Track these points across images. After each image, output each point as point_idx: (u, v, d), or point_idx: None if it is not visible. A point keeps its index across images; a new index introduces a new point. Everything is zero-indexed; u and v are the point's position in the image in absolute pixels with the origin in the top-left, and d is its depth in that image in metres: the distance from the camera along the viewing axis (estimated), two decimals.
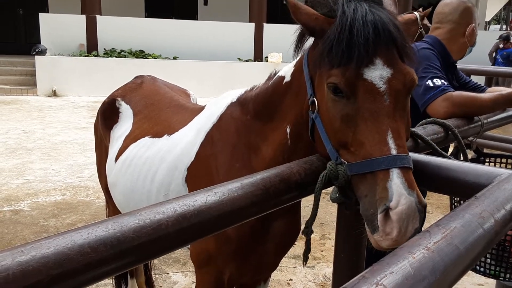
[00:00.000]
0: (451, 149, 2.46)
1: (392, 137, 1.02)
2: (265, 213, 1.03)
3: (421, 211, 0.97)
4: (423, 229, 0.88)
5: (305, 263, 1.29)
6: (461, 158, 1.64)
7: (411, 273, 0.55)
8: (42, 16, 12.45)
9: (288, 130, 1.40)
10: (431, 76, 1.96)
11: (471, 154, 2.01)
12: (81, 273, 0.66)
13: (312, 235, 1.23)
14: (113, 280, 2.91)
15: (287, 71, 1.44)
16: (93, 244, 0.67)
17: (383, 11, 1.11)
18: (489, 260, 1.82)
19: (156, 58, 12.79)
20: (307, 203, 1.16)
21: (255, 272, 1.76)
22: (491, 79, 4.71)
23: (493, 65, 12.02)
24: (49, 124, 8.43)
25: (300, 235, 1.76)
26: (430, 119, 1.63)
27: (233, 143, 1.58)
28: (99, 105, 2.58)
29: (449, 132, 1.58)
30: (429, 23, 2.44)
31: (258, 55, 13.79)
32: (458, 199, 1.93)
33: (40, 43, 12.17)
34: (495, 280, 1.98)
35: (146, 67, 11.43)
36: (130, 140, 2.08)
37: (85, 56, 12.29)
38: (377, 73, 1.06)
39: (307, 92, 1.23)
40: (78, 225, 3.59)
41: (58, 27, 12.29)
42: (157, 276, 3.30)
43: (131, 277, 2.79)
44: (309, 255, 1.26)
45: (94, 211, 4.50)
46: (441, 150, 1.39)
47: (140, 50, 13.02)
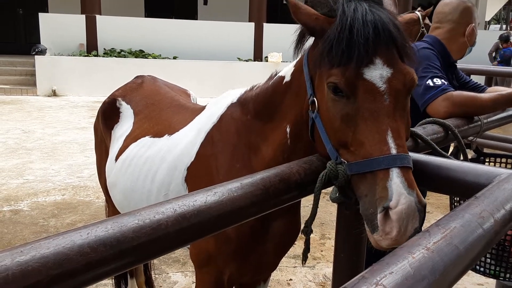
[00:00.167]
0: (451, 149, 2.46)
1: (392, 136, 1.02)
2: (265, 213, 1.02)
3: (421, 210, 0.97)
4: (423, 228, 0.88)
5: (304, 262, 1.29)
6: (461, 158, 1.64)
7: (411, 273, 0.55)
8: (42, 16, 12.45)
9: (288, 130, 1.40)
10: (431, 75, 1.96)
11: (471, 154, 2.01)
12: (81, 273, 0.66)
13: (312, 235, 1.23)
14: (113, 280, 2.91)
15: (287, 71, 1.44)
16: (92, 244, 0.67)
17: (383, 11, 1.11)
18: (489, 260, 1.82)
19: (156, 58, 12.78)
20: (307, 202, 1.16)
21: (255, 272, 1.76)
22: (491, 78, 4.70)
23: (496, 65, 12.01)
24: (49, 124, 8.43)
25: (300, 235, 1.76)
26: (430, 119, 1.63)
27: (234, 143, 1.58)
28: (99, 105, 2.58)
29: (449, 132, 1.58)
30: (430, 23, 2.44)
31: (258, 55, 13.79)
32: (458, 199, 1.93)
33: (40, 43, 12.17)
34: (495, 280, 1.98)
35: (146, 67, 11.43)
36: (130, 139, 2.08)
37: (85, 56, 12.28)
38: (377, 73, 1.06)
39: (307, 91, 1.23)
40: (77, 225, 3.59)
41: (58, 27, 12.29)
42: (157, 276, 3.30)
43: (131, 277, 2.79)
44: (309, 255, 1.26)
45: (94, 211, 4.50)
46: (441, 150, 1.39)
47: (140, 50, 13.02)
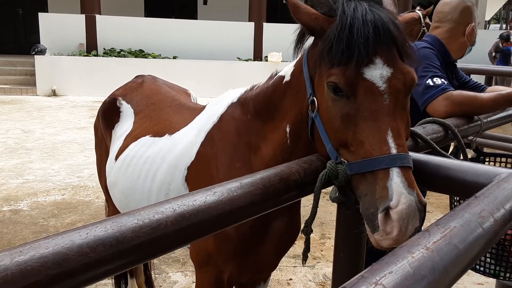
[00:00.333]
0: (451, 148, 2.46)
1: (392, 136, 1.02)
2: (265, 213, 1.02)
3: (421, 210, 0.97)
4: (423, 228, 0.88)
5: (304, 262, 1.29)
6: (461, 157, 1.63)
7: (410, 273, 0.55)
8: (41, 15, 12.45)
9: (287, 129, 1.40)
10: (431, 75, 1.95)
11: (471, 153, 2.01)
12: (80, 273, 0.66)
13: (312, 235, 1.23)
14: (113, 279, 2.91)
15: (287, 70, 1.44)
16: (92, 244, 0.67)
17: (383, 10, 1.11)
18: (489, 259, 1.82)
19: (155, 57, 12.78)
20: (307, 202, 1.16)
21: (255, 271, 1.76)
22: (491, 78, 4.70)
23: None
24: (48, 124, 8.42)
25: (300, 234, 1.76)
26: (429, 118, 1.63)
27: (234, 143, 1.58)
28: (98, 104, 2.58)
29: (449, 131, 1.58)
30: (431, 22, 2.44)
31: (258, 55, 13.78)
32: (458, 198, 1.92)
33: (39, 42, 12.16)
34: (495, 279, 1.98)
35: (145, 66, 11.42)
36: (130, 139, 2.08)
37: (85, 55, 12.28)
38: (377, 73, 1.05)
39: (307, 91, 1.23)
40: (77, 225, 3.59)
41: (57, 26, 12.29)
42: (156, 275, 3.30)
43: (130, 277, 2.79)
44: (309, 255, 1.26)
45: (93, 211, 4.49)
46: (441, 149, 1.39)
47: (139, 49, 13.01)
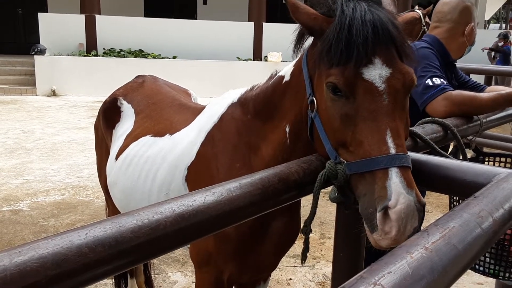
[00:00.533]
0: (451, 148, 2.45)
1: (391, 136, 1.02)
2: (264, 213, 1.02)
3: (420, 210, 0.97)
4: (422, 228, 0.88)
5: (303, 262, 1.29)
6: (460, 157, 1.63)
7: (409, 273, 0.55)
8: (41, 15, 12.44)
9: (287, 129, 1.40)
10: (430, 75, 1.95)
11: (470, 153, 2.01)
12: (79, 274, 0.66)
13: (311, 235, 1.23)
14: (113, 279, 2.91)
15: (287, 70, 1.44)
16: (91, 244, 0.67)
17: (382, 10, 1.11)
18: (488, 259, 1.82)
19: (155, 57, 12.78)
20: (306, 202, 1.16)
21: (255, 271, 1.76)
22: (491, 78, 4.70)
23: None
24: (48, 124, 8.42)
25: (300, 234, 1.76)
26: (429, 118, 1.63)
27: (234, 143, 1.58)
28: (98, 104, 2.58)
29: (448, 131, 1.58)
30: (430, 21, 2.44)
31: (257, 55, 13.78)
32: (457, 198, 1.92)
33: (39, 42, 12.16)
34: (495, 279, 1.98)
35: (145, 66, 11.42)
36: (131, 138, 2.08)
37: (84, 55, 12.27)
38: (376, 73, 1.05)
39: (306, 91, 1.23)
40: (77, 225, 3.58)
41: (57, 26, 12.28)
42: (156, 275, 3.30)
43: (130, 277, 2.79)
44: (309, 255, 1.26)
45: (93, 211, 4.49)
46: (440, 149, 1.39)
47: (139, 49, 13.01)
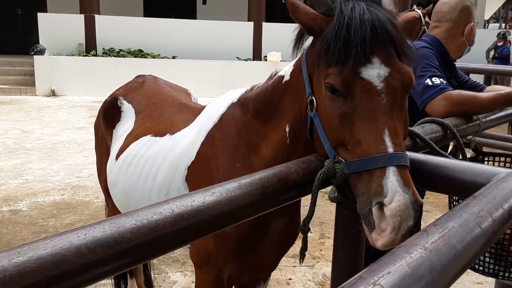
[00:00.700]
0: (451, 148, 2.45)
1: (389, 135, 1.02)
2: (264, 213, 1.02)
3: (417, 209, 0.96)
4: (422, 227, 0.88)
5: (302, 260, 1.28)
6: (460, 157, 1.63)
7: (409, 273, 0.55)
8: (40, 15, 12.44)
9: (287, 129, 1.40)
10: (430, 75, 1.95)
11: (470, 153, 2.01)
12: (78, 274, 0.66)
13: (311, 234, 1.23)
14: (113, 280, 2.91)
15: (286, 70, 1.44)
16: (90, 245, 0.67)
17: (381, 10, 1.11)
18: (488, 258, 1.82)
19: (155, 57, 12.77)
20: (306, 202, 1.16)
21: (255, 271, 1.76)
22: (490, 77, 4.70)
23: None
24: (48, 124, 8.42)
25: (300, 234, 1.76)
26: (428, 118, 1.63)
27: (234, 143, 1.58)
28: (98, 104, 2.59)
29: (448, 131, 1.58)
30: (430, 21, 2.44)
31: (257, 54, 13.78)
32: (456, 198, 1.92)
33: (38, 42, 12.15)
34: (494, 278, 1.98)
35: (145, 66, 11.42)
36: (131, 138, 2.08)
37: (84, 55, 12.27)
38: (375, 72, 1.06)
39: (306, 91, 1.23)
40: (77, 225, 3.58)
41: (56, 26, 12.28)
42: (156, 275, 3.30)
43: (130, 277, 2.79)
44: (309, 254, 1.26)
45: (93, 211, 4.49)
46: (440, 149, 1.39)
47: (139, 49, 13.00)
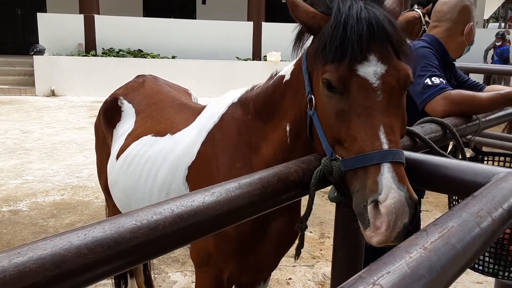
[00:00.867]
0: (450, 147, 2.45)
1: (384, 132, 1.02)
2: (264, 213, 1.02)
3: (412, 206, 0.96)
4: (421, 226, 0.88)
5: (296, 258, 1.28)
6: (459, 156, 1.64)
7: (408, 273, 0.55)
8: (40, 16, 12.43)
9: (287, 128, 1.40)
10: (429, 74, 1.95)
11: (469, 152, 2.01)
12: (78, 274, 0.66)
13: (311, 234, 1.23)
14: (113, 280, 2.91)
15: (287, 70, 1.45)
16: (90, 245, 0.67)
17: (378, 8, 1.11)
18: (487, 258, 1.82)
19: (154, 57, 12.77)
20: (306, 202, 1.16)
21: (255, 271, 1.76)
22: (490, 77, 4.69)
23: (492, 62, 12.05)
24: (47, 124, 8.41)
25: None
26: (428, 117, 1.63)
27: (234, 143, 1.59)
28: (97, 104, 2.59)
29: (447, 130, 1.58)
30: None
31: (257, 54, 13.78)
32: (456, 197, 1.93)
33: (38, 43, 12.15)
34: (494, 278, 1.98)
35: (144, 66, 11.42)
36: (132, 138, 2.08)
37: (84, 55, 12.27)
38: (371, 69, 1.06)
39: (306, 89, 1.23)
40: (77, 225, 3.58)
41: (56, 27, 12.27)
42: (156, 275, 3.30)
43: (130, 277, 2.79)
44: (308, 254, 1.26)
45: (93, 211, 4.49)
46: (439, 148, 1.39)
47: (138, 49, 13.00)
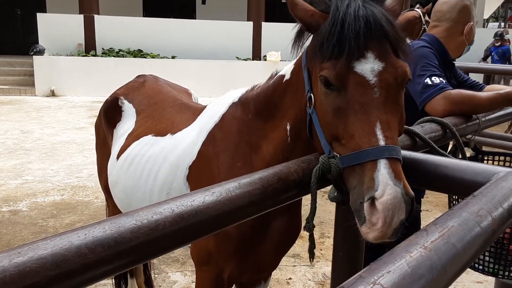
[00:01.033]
0: (450, 147, 2.45)
1: (380, 128, 1.02)
2: (264, 213, 1.03)
3: (408, 202, 0.95)
4: (421, 226, 0.88)
5: (312, 259, 1.27)
6: (459, 156, 1.64)
7: (408, 272, 0.55)
8: (40, 16, 12.43)
9: (288, 127, 1.41)
10: (429, 74, 1.96)
11: (469, 152, 2.01)
12: (79, 274, 0.66)
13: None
14: (113, 279, 2.91)
15: (287, 69, 1.45)
16: (90, 245, 0.67)
17: (377, 6, 1.11)
18: (487, 258, 1.82)
19: (154, 57, 12.77)
20: (306, 201, 1.16)
21: (255, 271, 1.76)
22: (489, 76, 4.70)
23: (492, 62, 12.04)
24: (47, 124, 8.41)
25: (300, 233, 1.76)
26: (428, 117, 1.63)
27: (235, 142, 1.59)
28: (97, 104, 2.59)
29: (447, 130, 1.58)
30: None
31: (256, 54, 13.78)
32: (456, 197, 1.93)
33: (38, 43, 12.15)
34: (494, 277, 1.98)
35: (144, 66, 11.41)
36: (132, 138, 2.08)
37: (83, 56, 12.27)
38: (368, 66, 1.06)
39: (305, 88, 1.24)
40: (76, 225, 3.59)
41: (56, 27, 12.27)
42: (156, 275, 3.30)
43: (130, 277, 2.79)
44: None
45: (93, 211, 4.49)
46: (439, 148, 1.39)
47: (138, 49, 13.00)
